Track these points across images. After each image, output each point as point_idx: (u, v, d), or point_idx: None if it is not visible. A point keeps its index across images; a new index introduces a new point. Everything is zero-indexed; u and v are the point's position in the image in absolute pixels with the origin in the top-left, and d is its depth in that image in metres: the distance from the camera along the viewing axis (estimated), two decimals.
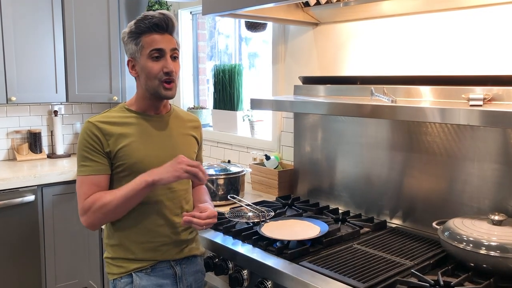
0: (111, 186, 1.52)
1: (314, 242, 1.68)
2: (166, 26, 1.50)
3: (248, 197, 2.34)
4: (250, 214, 1.97)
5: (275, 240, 1.67)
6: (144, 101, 1.58)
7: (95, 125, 1.49)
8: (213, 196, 2.18)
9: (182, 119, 1.68)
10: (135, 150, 1.51)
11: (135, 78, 1.58)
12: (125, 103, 1.62)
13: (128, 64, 1.56)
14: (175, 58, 1.54)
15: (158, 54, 1.49)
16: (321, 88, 2.10)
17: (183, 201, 1.62)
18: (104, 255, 1.61)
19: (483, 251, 1.37)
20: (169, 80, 1.51)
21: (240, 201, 2.12)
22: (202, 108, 3.23)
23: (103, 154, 1.49)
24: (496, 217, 1.46)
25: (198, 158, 1.75)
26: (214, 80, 2.93)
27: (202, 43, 3.31)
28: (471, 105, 1.40)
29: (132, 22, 1.52)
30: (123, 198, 1.44)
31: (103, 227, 1.63)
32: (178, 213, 1.58)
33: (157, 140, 1.56)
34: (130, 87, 3.25)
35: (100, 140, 1.48)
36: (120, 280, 1.54)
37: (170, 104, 1.69)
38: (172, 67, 1.50)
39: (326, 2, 1.99)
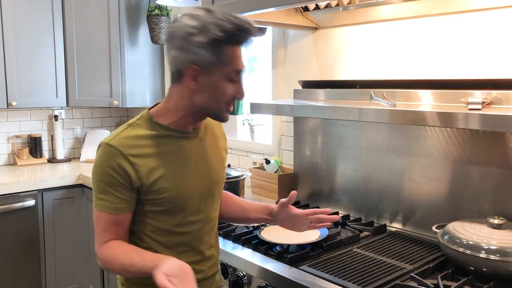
0: (147, 219, 1.27)
1: (314, 246, 1.68)
2: (251, 42, 1.21)
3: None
4: None
5: (275, 244, 1.67)
6: (185, 117, 1.26)
7: (121, 153, 1.19)
8: None
9: (212, 127, 1.41)
10: (174, 182, 1.25)
11: (185, 91, 1.22)
12: (150, 113, 1.27)
13: (187, 72, 1.18)
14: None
15: (238, 76, 1.21)
16: (320, 92, 2.10)
17: (216, 231, 1.43)
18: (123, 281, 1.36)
19: (482, 254, 1.37)
20: (233, 105, 1.25)
21: None
22: None
23: (130, 190, 1.22)
24: (496, 221, 1.46)
25: None
26: None
27: None
28: (470, 109, 1.41)
29: (211, 20, 1.13)
30: (134, 270, 1.19)
31: None
32: (213, 244, 1.40)
33: (194, 163, 1.30)
34: (130, 91, 3.26)
35: (128, 174, 1.19)
36: None
37: None
38: (245, 93, 1.24)
39: (325, 7, 2.00)
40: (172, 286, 1.05)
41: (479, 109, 1.40)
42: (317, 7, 2.04)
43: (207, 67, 1.16)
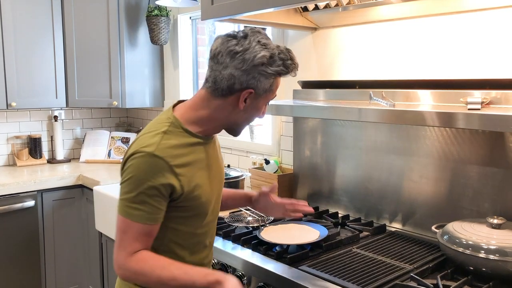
0: (172, 224, 1.28)
1: (313, 246, 1.68)
2: None
3: None
4: (250, 218, 1.98)
5: (275, 245, 1.67)
6: (215, 128, 1.31)
7: (167, 165, 1.19)
8: None
9: None
10: (204, 188, 1.29)
11: (228, 106, 1.25)
12: (179, 121, 1.27)
13: (244, 93, 1.22)
14: None
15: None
16: (320, 92, 2.10)
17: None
18: None
19: (482, 254, 1.37)
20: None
21: None
22: None
23: (167, 199, 1.22)
24: (495, 221, 1.46)
25: None
26: None
27: (201, 48, 3.32)
28: (469, 109, 1.41)
29: (278, 54, 1.22)
30: (175, 284, 1.19)
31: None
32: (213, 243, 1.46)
33: (213, 168, 1.36)
34: (130, 92, 3.26)
35: (172, 186, 1.20)
36: None
37: None
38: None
39: (325, 7, 2.00)
40: None
41: (478, 109, 1.40)
42: (316, 8, 2.04)
43: (260, 93, 1.24)
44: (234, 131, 1.34)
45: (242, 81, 1.20)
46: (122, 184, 1.22)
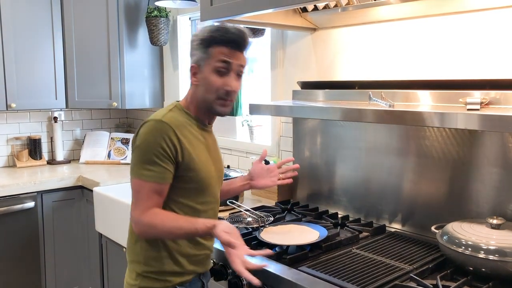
0: (175, 196, 1.44)
1: (313, 247, 1.68)
2: (241, 43, 1.42)
3: (248, 202, 2.34)
4: (250, 219, 1.98)
5: (274, 245, 1.67)
6: (199, 111, 1.49)
7: (172, 129, 1.38)
8: None
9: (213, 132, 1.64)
10: (203, 164, 1.45)
11: (193, 87, 1.48)
12: (180, 104, 1.50)
13: (190, 70, 1.46)
14: (239, 75, 1.46)
15: (224, 69, 1.41)
16: (319, 93, 2.10)
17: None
18: (140, 270, 1.48)
19: (481, 255, 1.37)
20: (226, 99, 1.44)
21: (239, 206, 2.12)
22: None
23: (173, 162, 1.39)
24: (495, 221, 1.46)
25: None
26: None
27: None
28: (468, 109, 1.41)
29: (206, 29, 1.42)
30: (181, 232, 1.39)
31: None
32: None
33: (212, 152, 1.54)
34: (129, 93, 3.26)
35: (176, 148, 1.38)
36: None
37: None
38: (234, 86, 1.43)
39: (324, 8, 2.00)
40: (234, 240, 1.28)
41: (478, 110, 1.40)
42: (315, 8, 2.04)
43: (200, 63, 1.43)
44: (210, 109, 1.47)
45: (190, 61, 1.47)
46: (134, 150, 1.41)
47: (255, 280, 1.25)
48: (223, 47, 1.40)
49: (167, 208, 1.44)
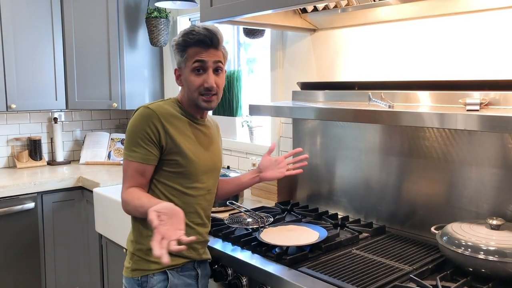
0: (163, 179, 1.55)
1: (313, 247, 1.68)
2: (210, 42, 1.52)
3: (247, 203, 2.35)
4: (249, 220, 1.98)
5: (274, 246, 1.67)
6: (190, 107, 1.61)
7: (157, 116, 1.50)
8: None
9: (211, 124, 1.73)
10: (189, 151, 1.55)
11: (180, 90, 1.63)
12: (177, 98, 1.63)
13: (174, 73, 1.61)
14: (217, 70, 1.56)
15: (200, 67, 1.52)
16: (319, 94, 2.10)
17: (212, 205, 1.71)
18: (133, 249, 1.58)
19: (481, 255, 1.37)
20: (208, 94, 1.54)
21: (239, 207, 2.12)
22: None
23: (157, 146, 1.51)
24: (495, 222, 1.46)
25: None
26: None
27: None
28: (468, 110, 1.41)
29: (180, 33, 1.55)
30: (142, 211, 1.43)
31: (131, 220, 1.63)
32: (209, 216, 1.69)
33: (204, 144, 1.63)
34: (129, 93, 3.27)
35: (159, 132, 1.50)
36: (153, 276, 1.54)
37: None
38: (212, 82, 1.53)
39: (324, 8, 2.00)
40: (158, 221, 1.26)
41: (477, 110, 1.40)
42: (315, 9, 2.04)
43: (181, 66, 1.57)
44: (197, 105, 1.57)
45: (176, 65, 1.60)
46: (125, 134, 1.54)
47: (165, 259, 1.19)
48: (195, 47, 1.52)
49: (156, 190, 1.56)
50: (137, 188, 1.52)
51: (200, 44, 1.51)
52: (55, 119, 3.46)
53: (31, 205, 2.83)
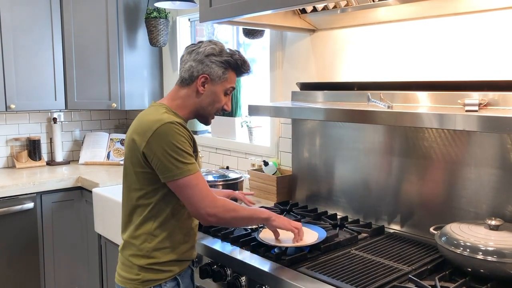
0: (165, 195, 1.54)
1: (312, 248, 1.68)
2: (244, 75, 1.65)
3: None
4: None
5: (273, 246, 1.67)
6: (188, 114, 1.62)
7: (187, 129, 1.52)
8: None
9: None
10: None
11: (192, 92, 1.58)
12: (171, 109, 1.58)
13: (200, 78, 1.56)
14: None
15: (231, 93, 1.63)
16: (318, 94, 2.11)
17: None
18: (143, 263, 1.54)
19: (480, 256, 1.37)
20: (218, 114, 1.67)
21: None
22: None
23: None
24: (493, 222, 1.46)
25: None
26: None
27: None
28: (466, 110, 1.41)
29: (229, 52, 1.57)
30: (249, 214, 1.60)
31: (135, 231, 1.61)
32: None
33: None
34: (129, 93, 3.26)
35: (191, 143, 1.53)
36: (166, 284, 1.55)
37: None
38: (230, 108, 1.66)
39: (323, 9, 2.00)
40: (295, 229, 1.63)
41: (476, 111, 1.40)
42: (314, 9, 2.04)
43: (214, 79, 1.57)
44: (204, 117, 1.63)
45: (198, 69, 1.55)
46: (167, 153, 1.44)
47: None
48: (237, 75, 1.62)
49: (166, 198, 1.54)
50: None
51: (242, 75, 1.64)
52: (55, 119, 3.46)
53: (30, 205, 2.83)
